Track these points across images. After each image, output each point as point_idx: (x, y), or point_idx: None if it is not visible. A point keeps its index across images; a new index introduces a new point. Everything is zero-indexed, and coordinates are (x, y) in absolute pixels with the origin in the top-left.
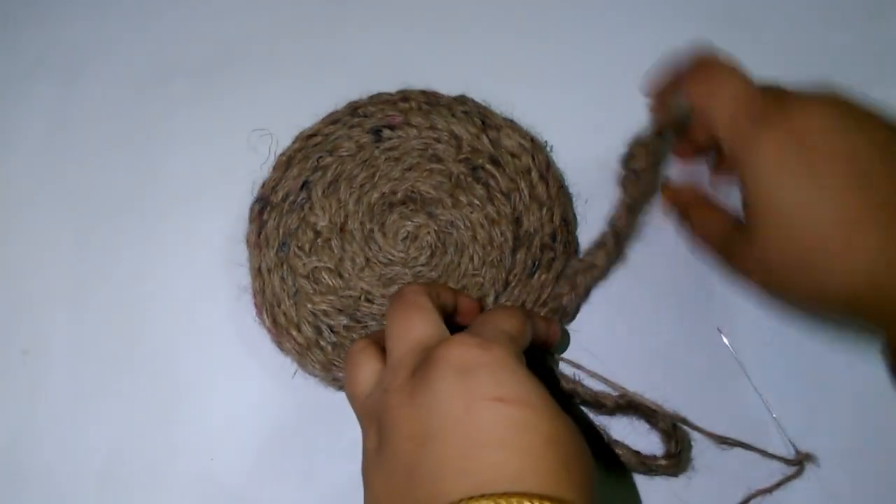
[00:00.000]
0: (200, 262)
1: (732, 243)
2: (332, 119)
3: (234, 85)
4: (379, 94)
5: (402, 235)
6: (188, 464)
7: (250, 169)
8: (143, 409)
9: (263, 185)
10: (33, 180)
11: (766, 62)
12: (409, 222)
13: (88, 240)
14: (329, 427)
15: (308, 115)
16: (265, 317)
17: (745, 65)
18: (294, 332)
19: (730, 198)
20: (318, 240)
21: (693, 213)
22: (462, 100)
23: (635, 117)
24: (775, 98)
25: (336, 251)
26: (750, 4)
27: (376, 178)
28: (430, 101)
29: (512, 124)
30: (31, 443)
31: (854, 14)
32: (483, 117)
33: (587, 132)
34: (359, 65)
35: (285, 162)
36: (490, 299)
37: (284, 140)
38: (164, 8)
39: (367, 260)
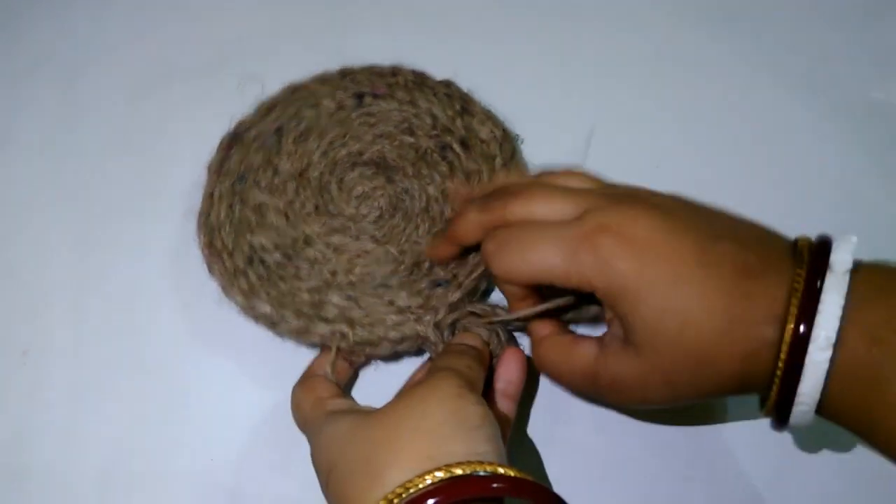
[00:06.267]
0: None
1: (601, 369)
2: (322, 79)
3: (226, 87)
4: (372, 66)
5: (357, 193)
6: (188, 464)
7: None
8: (143, 408)
9: (240, 123)
10: (33, 180)
11: (766, 62)
12: (368, 182)
13: (88, 240)
14: None
15: None
16: (202, 237)
17: (746, 65)
18: (226, 257)
19: None
20: (276, 179)
21: (551, 350)
22: (447, 83)
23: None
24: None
25: (289, 194)
26: (750, 4)
27: (346, 138)
28: (417, 81)
29: (490, 114)
30: (31, 442)
31: (854, 14)
32: (464, 103)
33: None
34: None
35: (267, 107)
36: (426, 265)
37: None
38: (166, 9)
39: (317, 207)
